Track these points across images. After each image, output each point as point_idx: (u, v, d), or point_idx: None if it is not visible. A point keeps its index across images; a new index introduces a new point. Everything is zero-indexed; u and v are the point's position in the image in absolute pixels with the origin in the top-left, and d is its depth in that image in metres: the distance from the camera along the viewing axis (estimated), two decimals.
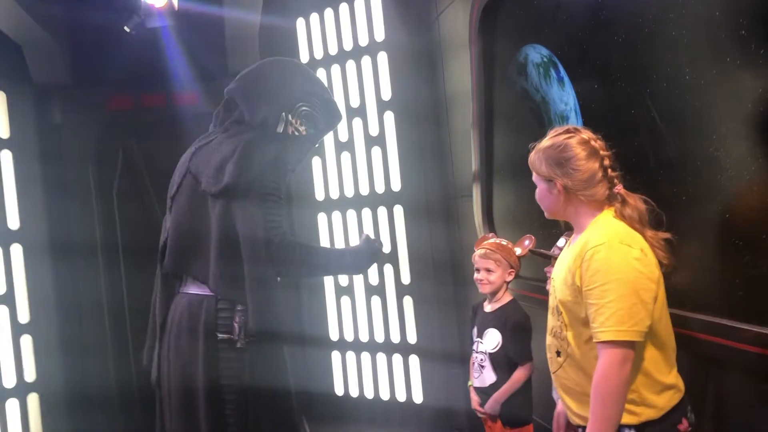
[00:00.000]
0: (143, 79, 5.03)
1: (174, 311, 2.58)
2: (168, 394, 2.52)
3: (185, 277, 2.60)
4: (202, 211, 2.51)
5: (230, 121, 2.67)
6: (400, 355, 4.79)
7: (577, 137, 1.92)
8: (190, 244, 2.55)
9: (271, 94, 2.61)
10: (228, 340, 2.44)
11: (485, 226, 3.73)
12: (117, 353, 5.10)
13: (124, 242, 5.18)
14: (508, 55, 3.23)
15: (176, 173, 2.69)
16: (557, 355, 1.93)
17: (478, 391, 3.04)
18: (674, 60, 2.09)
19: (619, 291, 1.75)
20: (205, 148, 2.61)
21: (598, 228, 1.86)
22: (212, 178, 2.48)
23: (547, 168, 1.92)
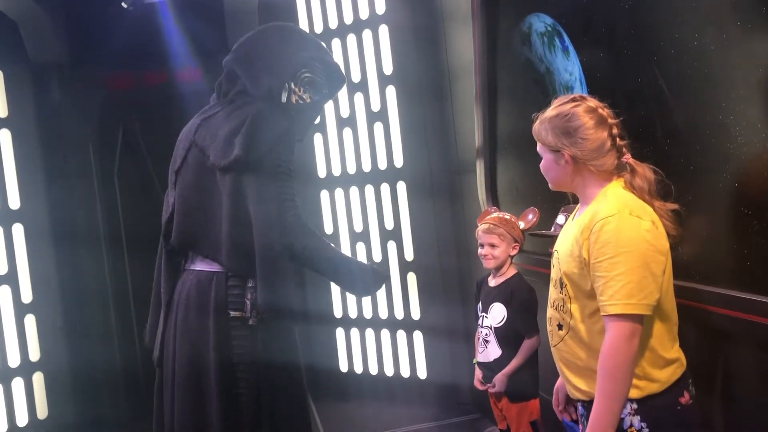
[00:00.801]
0: (143, 56, 4.97)
1: (181, 289, 2.52)
2: (172, 373, 2.46)
3: (192, 253, 2.54)
4: (210, 186, 2.44)
5: (234, 92, 2.58)
6: (404, 331, 4.78)
7: (584, 105, 1.87)
8: (197, 219, 2.48)
9: (273, 64, 2.54)
10: (240, 318, 2.40)
11: (489, 200, 3.69)
12: (121, 334, 5.11)
13: (126, 222, 5.16)
14: (511, 25, 3.17)
15: (179, 146, 2.61)
16: (559, 329, 1.90)
17: (482, 366, 3.02)
18: (682, 25, 2.04)
19: (629, 263, 1.71)
20: (211, 120, 2.53)
21: (606, 199, 1.82)
22: (221, 151, 2.40)
23: (554, 138, 1.87)
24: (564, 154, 1.86)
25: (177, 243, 2.52)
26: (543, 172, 1.97)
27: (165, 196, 2.67)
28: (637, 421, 1.76)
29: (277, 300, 2.35)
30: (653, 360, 1.78)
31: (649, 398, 1.76)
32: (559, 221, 2.50)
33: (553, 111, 1.91)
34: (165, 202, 2.65)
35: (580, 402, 1.92)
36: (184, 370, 2.43)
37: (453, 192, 4.51)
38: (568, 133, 1.85)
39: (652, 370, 1.77)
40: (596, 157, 1.84)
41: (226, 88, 2.64)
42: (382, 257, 4.81)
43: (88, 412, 4.84)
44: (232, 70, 2.60)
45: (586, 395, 1.85)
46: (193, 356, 2.41)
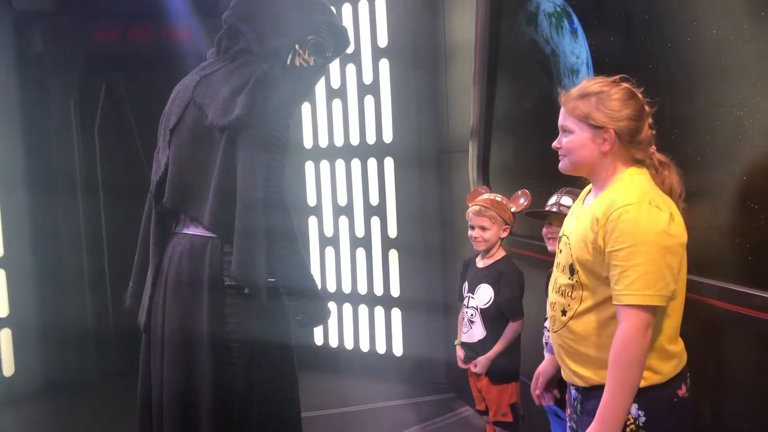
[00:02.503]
0: (132, 10, 4.83)
1: (171, 253, 2.41)
2: (161, 340, 2.38)
3: (183, 216, 2.45)
4: (207, 146, 2.34)
5: (236, 50, 2.47)
6: (382, 307, 4.76)
7: (626, 88, 1.82)
8: (191, 180, 2.38)
9: (280, 24, 2.44)
10: (235, 286, 2.31)
11: (480, 180, 3.66)
12: (94, 288, 5.00)
13: (104, 176, 5.05)
14: (517, 3, 3.12)
15: (174, 104, 2.48)
16: (562, 314, 1.87)
17: (465, 347, 3.01)
18: (701, 14, 2.01)
19: (647, 254, 1.68)
20: (211, 78, 2.41)
21: (624, 186, 1.78)
22: (221, 110, 2.29)
23: (598, 113, 1.80)
24: (609, 132, 1.80)
25: (170, 204, 2.42)
26: (567, 151, 1.89)
27: (155, 154, 2.56)
28: (635, 409, 1.75)
29: (250, 272, 2.26)
30: (659, 352, 1.76)
31: (650, 389, 1.75)
32: (565, 202, 2.46)
33: (594, 87, 1.84)
34: (155, 162, 2.54)
35: (574, 386, 1.90)
36: (174, 338, 2.34)
37: (441, 171, 4.47)
38: (616, 110, 1.79)
39: (656, 362, 1.76)
40: (637, 140, 1.80)
41: (227, 44, 2.52)
42: (364, 233, 4.77)
43: (56, 369, 4.75)
44: (234, 26, 2.48)
45: (586, 381, 1.83)
46: (185, 324, 2.32)
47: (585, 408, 1.87)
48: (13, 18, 4.64)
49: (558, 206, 2.52)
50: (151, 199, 2.50)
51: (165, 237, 2.48)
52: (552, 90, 2.90)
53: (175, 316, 2.35)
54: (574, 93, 1.89)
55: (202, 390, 2.29)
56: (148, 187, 4.93)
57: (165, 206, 2.43)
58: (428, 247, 4.55)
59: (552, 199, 2.53)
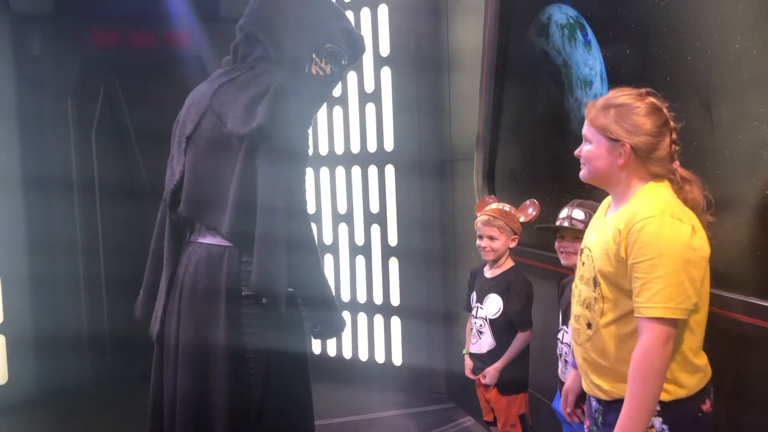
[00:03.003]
0: (132, 15, 4.78)
1: (187, 262, 2.38)
2: (175, 350, 2.34)
3: (199, 225, 2.41)
4: (224, 155, 2.30)
5: (254, 58, 2.45)
6: (381, 316, 4.74)
7: (650, 102, 1.82)
8: (208, 189, 2.34)
9: (298, 32, 2.42)
10: (252, 296, 2.28)
11: (485, 189, 3.65)
12: (89, 294, 4.94)
13: (101, 180, 4.99)
14: (529, 14, 3.12)
15: (191, 111, 2.45)
16: (587, 327, 1.86)
17: (473, 357, 2.99)
18: (723, 26, 2.02)
19: (669, 266, 1.68)
20: (230, 86, 2.39)
21: (647, 198, 1.78)
22: (240, 119, 2.27)
23: (617, 127, 1.80)
24: (625, 145, 1.80)
25: (186, 213, 2.38)
26: (586, 160, 1.89)
27: (168, 162, 2.52)
28: (659, 423, 1.74)
29: (270, 282, 2.24)
30: (684, 365, 1.76)
31: (675, 403, 1.75)
32: (577, 216, 2.45)
33: (617, 99, 1.83)
34: (169, 169, 2.50)
35: (595, 399, 1.90)
36: (189, 347, 2.30)
37: (443, 179, 4.46)
38: (635, 124, 1.79)
39: (681, 375, 1.75)
40: (654, 156, 1.79)
41: (243, 52, 2.48)
42: (364, 240, 4.75)
43: (50, 377, 4.68)
44: (251, 34, 2.46)
45: (608, 395, 1.82)
46: (200, 333, 2.29)
47: (606, 420, 1.86)
48: (10, 20, 4.59)
49: (570, 220, 2.50)
50: (165, 207, 2.46)
51: (179, 246, 2.45)
52: (563, 100, 2.90)
53: (191, 325, 2.31)
54: (599, 103, 1.89)
55: (217, 401, 2.26)
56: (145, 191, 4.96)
57: (180, 215, 2.40)
58: (429, 255, 4.54)
59: (563, 212, 2.52)
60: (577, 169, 2.86)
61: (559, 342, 2.59)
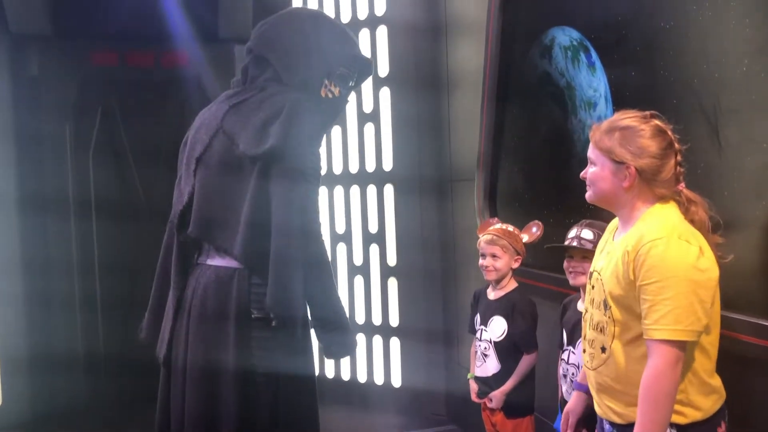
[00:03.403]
0: (130, 35, 4.79)
1: (195, 284, 2.36)
2: (183, 373, 2.32)
3: (208, 246, 2.40)
4: (236, 176, 2.30)
5: (264, 79, 2.46)
6: (380, 337, 4.71)
7: (655, 125, 1.83)
8: (219, 210, 2.34)
9: (309, 56, 2.44)
10: (262, 319, 2.26)
11: (486, 210, 3.65)
12: (85, 315, 4.89)
13: (98, 201, 4.96)
14: (531, 35, 3.13)
15: (201, 132, 2.45)
16: (602, 351, 1.85)
17: (479, 381, 2.97)
18: (731, 49, 2.03)
19: (677, 288, 1.68)
20: (242, 107, 2.39)
21: (654, 220, 1.78)
22: (253, 140, 2.27)
23: (621, 149, 1.81)
24: (630, 167, 1.80)
25: (195, 234, 2.37)
26: (591, 181, 1.90)
27: (176, 183, 2.52)
28: None
29: (287, 304, 2.23)
30: (699, 387, 1.75)
31: (691, 426, 1.74)
32: (586, 236, 2.45)
33: (623, 122, 1.84)
34: (177, 191, 2.50)
35: (609, 422, 1.88)
36: (197, 370, 2.28)
37: (443, 199, 4.46)
38: (639, 147, 1.80)
39: (696, 397, 1.74)
40: (661, 178, 1.80)
41: (253, 73, 2.49)
42: (363, 260, 4.73)
43: (45, 399, 4.62)
44: (261, 56, 2.46)
45: (623, 418, 1.81)
46: (209, 356, 2.27)
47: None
48: (9, 41, 4.58)
49: (578, 239, 2.50)
50: (173, 228, 2.45)
51: (187, 268, 2.44)
52: (567, 121, 2.91)
53: (199, 348, 2.29)
54: (603, 126, 1.90)
55: (226, 424, 2.23)
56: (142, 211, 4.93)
57: (190, 236, 2.39)
58: (428, 275, 4.52)
59: (572, 231, 2.52)
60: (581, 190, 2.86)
61: (563, 362, 2.58)
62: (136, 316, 4.81)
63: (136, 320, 4.81)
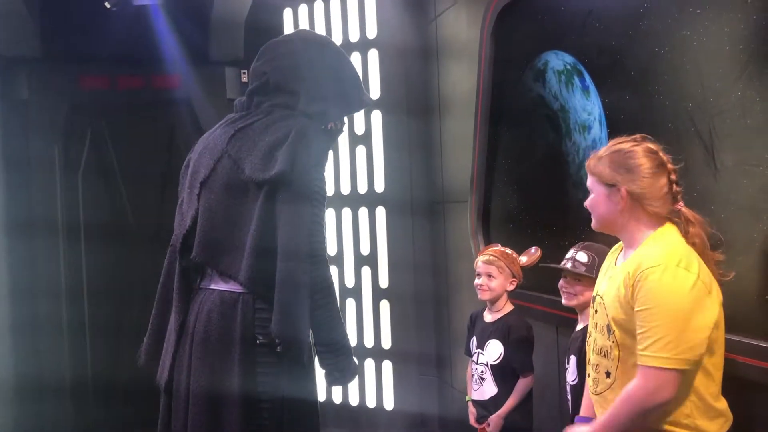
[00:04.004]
0: (121, 59, 4.78)
1: (198, 309, 2.34)
2: (185, 399, 2.29)
3: (211, 271, 2.38)
4: (241, 200, 2.30)
5: (272, 104, 2.45)
6: (372, 360, 4.68)
7: (645, 146, 1.86)
8: (224, 235, 2.33)
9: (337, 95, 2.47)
10: (267, 344, 2.25)
11: (479, 231, 3.66)
12: (72, 339, 4.83)
13: (87, 224, 4.92)
14: (524, 59, 3.16)
15: (204, 156, 2.44)
16: (607, 376, 1.86)
17: (476, 404, 2.96)
18: (726, 74, 2.05)
19: (666, 317, 1.70)
20: (247, 131, 2.38)
21: (656, 245, 1.79)
22: (260, 165, 2.28)
23: (611, 172, 1.84)
24: (621, 190, 1.83)
25: (200, 258, 2.35)
26: (590, 208, 1.93)
27: (178, 207, 2.51)
28: None
29: (293, 328, 2.22)
30: (705, 411, 1.75)
31: None
32: (568, 255, 2.47)
33: (613, 147, 1.89)
34: (178, 215, 2.48)
35: None
36: (201, 398, 2.25)
37: (435, 221, 4.47)
38: (629, 169, 1.83)
39: (702, 421, 1.75)
40: (653, 198, 1.82)
41: (260, 98, 2.48)
42: (355, 282, 4.71)
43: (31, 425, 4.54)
44: (277, 84, 2.45)
45: None
46: (214, 382, 2.25)
47: None
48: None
49: (573, 261, 2.51)
50: (174, 253, 2.44)
51: (189, 292, 2.42)
52: (561, 144, 2.93)
53: (203, 374, 2.27)
54: (597, 154, 1.94)
55: None
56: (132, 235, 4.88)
57: (194, 261, 2.37)
58: (420, 298, 4.52)
59: (570, 252, 2.53)
60: (576, 212, 2.89)
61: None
62: (125, 341, 4.85)
63: (124, 345, 4.84)
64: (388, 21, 4.55)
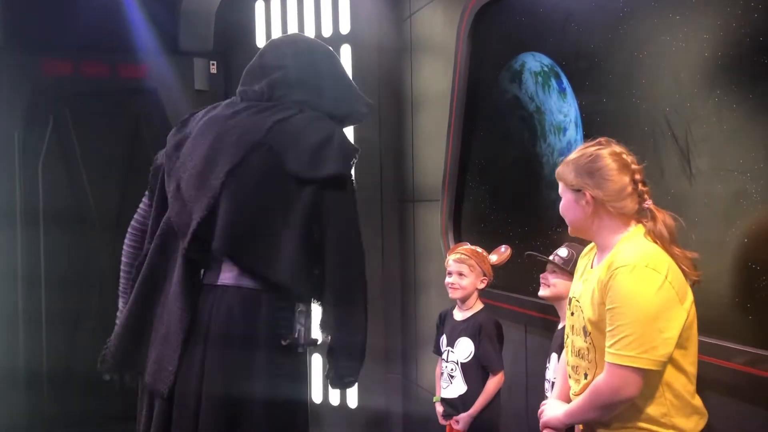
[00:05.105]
0: (84, 45, 4.68)
1: (212, 307, 2.21)
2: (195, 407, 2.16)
3: (224, 265, 2.25)
4: (278, 195, 2.22)
5: (297, 101, 2.34)
6: None
7: (609, 149, 1.88)
8: (253, 229, 2.22)
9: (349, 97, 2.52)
10: (288, 345, 2.20)
11: (450, 231, 3.66)
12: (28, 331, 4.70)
13: (46, 212, 4.78)
14: (500, 59, 3.18)
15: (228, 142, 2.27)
16: (585, 377, 1.88)
17: (445, 402, 2.96)
18: (703, 80, 2.09)
19: (631, 316, 1.72)
20: (286, 125, 2.27)
21: (627, 247, 1.81)
22: (307, 162, 2.21)
23: (576, 177, 1.87)
24: (585, 194, 1.86)
25: (223, 250, 2.21)
26: (562, 213, 1.96)
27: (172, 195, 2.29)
28: None
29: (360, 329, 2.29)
30: (680, 407, 1.78)
31: None
32: (561, 253, 2.49)
33: (577, 153, 1.93)
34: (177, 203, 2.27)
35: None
36: (218, 401, 2.16)
37: (404, 219, 4.47)
38: (591, 173, 1.85)
39: (679, 418, 1.77)
40: (617, 200, 1.84)
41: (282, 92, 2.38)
42: None
43: None
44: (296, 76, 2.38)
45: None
46: (234, 383, 2.17)
47: None
48: None
49: (555, 255, 2.54)
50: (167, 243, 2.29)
51: (195, 288, 2.26)
52: (535, 145, 2.95)
53: (221, 376, 2.18)
54: (567, 158, 1.97)
55: None
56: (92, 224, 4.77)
57: (214, 253, 2.22)
58: (387, 296, 4.51)
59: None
60: (549, 213, 2.92)
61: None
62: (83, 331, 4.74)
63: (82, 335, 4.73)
64: (362, 16, 4.54)
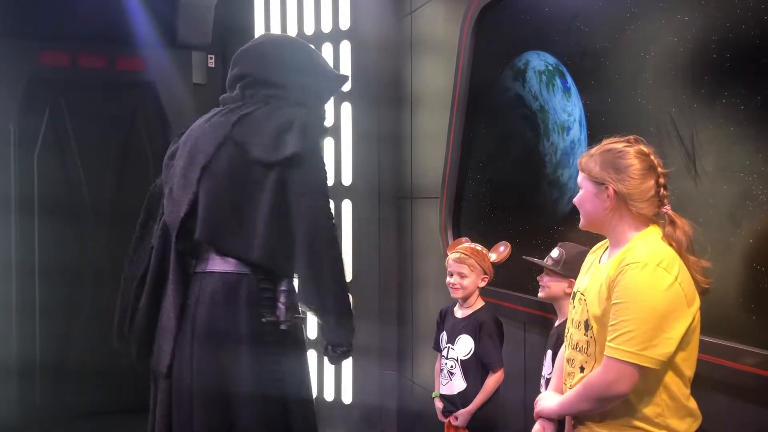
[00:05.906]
0: (81, 36, 4.66)
1: (199, 292, 2.39)
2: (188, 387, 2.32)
3: (208, 254, 2.44)
4: (244, 182, 2.40)
5: (266, 95, 2.54)
6: None
7: (637, 147, 1.88)
8: (228, 215, 2.41)
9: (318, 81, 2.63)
10: (273, 323, 2.34)
11: (450, 228, 3.67)
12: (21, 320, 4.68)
13: (41, 203, 4.77)
14: (504, 57, 3.18)
15: (201, 143, 2.49)
16: (581, 371, 1.89)
17: (444, 399, 2.97)
18: (711, 82, 2.10)
19: (636, 313, 1.72)
20: (250, 118, 2.48)
21: (641, 245, 1.82)
22: (269, 147, 2.38)
23: (601, 170, 1.86)
24: (608, 188, 1.85)
25: (204, 237, 2.40)
26: (578, 205, 1.95)
27: (167, 196, 2.53)
28: None
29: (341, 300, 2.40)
30: (675, 408, 1.78)
31: None
32: (553, 254, 2.51)
33: (605, 146, 1.91)
34: (169, 200, 2.51)
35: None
36: (208, 381, 2.31)
37: (403, 216, 4.47)
38: (617, 168, 1.85)
39: (672, 420, 1.78)
40: (639, 200, 1.84)
41: (252, 91, 2.58)
42: None
43: None
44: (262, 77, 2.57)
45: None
46: (221, 365, 2.32)
47: None
48: None
49: (549, 257, 2.55)
50: (168, 237, 2.46)
51: (186, 277, 2.45)
52: (538, 144, 2.95)
53: (208, 358, 2.33)
54: (591, 150, 1.95)
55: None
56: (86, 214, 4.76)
57: (197, 241, 2.41)
58: (384, 292, 4.51)
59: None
60: (549, 211, 2.93)
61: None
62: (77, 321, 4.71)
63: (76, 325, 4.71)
64: (363, 12, 4.53)
